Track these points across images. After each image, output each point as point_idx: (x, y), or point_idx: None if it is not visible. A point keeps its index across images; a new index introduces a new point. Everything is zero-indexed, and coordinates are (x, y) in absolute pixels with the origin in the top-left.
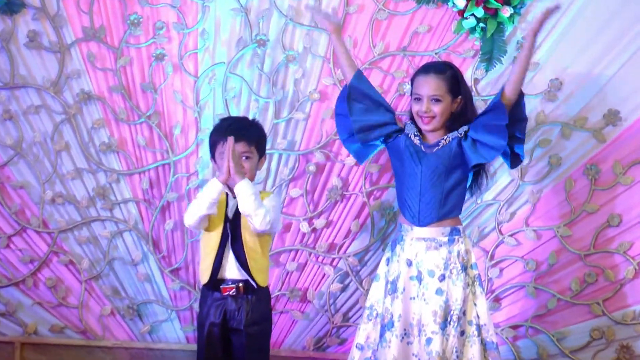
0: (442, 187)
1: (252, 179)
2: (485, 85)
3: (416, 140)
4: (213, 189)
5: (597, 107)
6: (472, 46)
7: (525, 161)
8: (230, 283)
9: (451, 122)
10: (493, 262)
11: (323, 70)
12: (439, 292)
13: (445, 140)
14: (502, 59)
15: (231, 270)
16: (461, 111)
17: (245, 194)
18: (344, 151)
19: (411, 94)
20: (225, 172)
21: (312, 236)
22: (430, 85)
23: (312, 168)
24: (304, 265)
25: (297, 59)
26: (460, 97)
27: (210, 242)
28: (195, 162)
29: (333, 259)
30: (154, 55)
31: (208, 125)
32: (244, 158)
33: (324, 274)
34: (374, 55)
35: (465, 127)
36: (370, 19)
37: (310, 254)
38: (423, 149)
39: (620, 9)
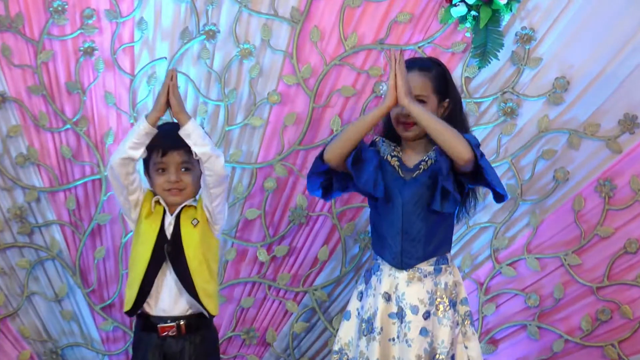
0: (428, 220)
1: (191, 196)
2: (478, 86)
3: (394, 162)
4: (139, 127)
5: (611, 111)
6: (462, 39)
7: (526, 175)
8: (169, 321)
9: None
10: (488, 296)
11: (284, 67)
12: (423, 332)
13: (427, 162)
14: (497, 53)
15: (168, 300)
16: (449, 117)
17: (198, 132)
18: (310, 163)
19: None
20: (160, 109)
21: (271, 266)
22: (413, 84)
23: (271, 184)
24: (262, 300)
25: (253, 53)
26: (448, 99)
27: (138, 264)
28: None
29: (297, 294)
30: (81, 49)
31: None
32: (182, 170)
33: (286, 312)
34: (344, 49)
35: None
36: (340, 6)
37: (269, 288)
38: (402, 174)
39: None
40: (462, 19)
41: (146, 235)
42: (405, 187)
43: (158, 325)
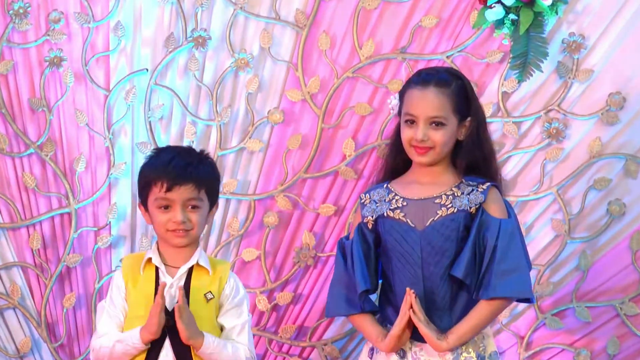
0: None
1: (197, 238)
2: (518, 102)
3: (398, 215)
4: (131, 344)
5: None
6: (499, 47)
7: (575, 209)
8: None
9: (455, 154)
10: (530, 352)
11: (288, 80)
12: None
13: (447, 207)
14: (541, 64)
15: None
16: (470, 138)
17: (219, 349)
18: (318, 194)
19: (399, 113)
20: (155, 331)
21: (273, 316)
22: (428, 103)
23: (272, 219)
24: (262, 357)
25: (250, 64)
26: (469, 118)
27: None
28: (107, 210)
29: (303, 349)
30: (47, 60)
31: (124, 158)
32: (189, 207)
33: None
34: (359, 59)
35: (478, 190)
36: (354, 9)
37: (270, 342)
38: (411, 223)
39: None
40: (499, 24)
41: (137, 307)
42: (422, 237)
43: None
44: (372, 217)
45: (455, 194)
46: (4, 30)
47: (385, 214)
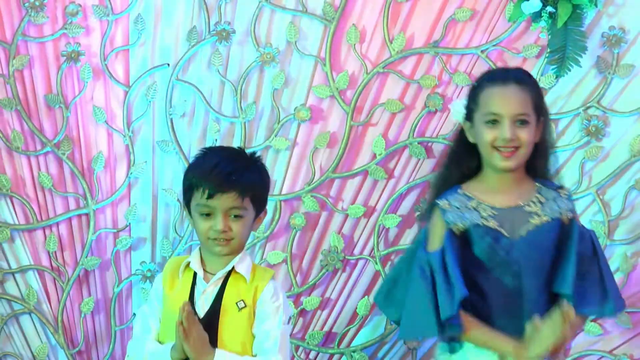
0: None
1: (240, 248)
2: (556, 99)
3: (493, 224)
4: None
5: None
6: (536, 41)
7: (615, 209)
8: None
9: (539, 161)
10: (569, 359)
11: (315, 76)
12: None
13: (540, 215)
14: (579, 59)
15: None
16: (543, 140)
17: None
18: (347, 195)
19: (468, 117)
20: (181, 351)
21: (300, 322)
22: (513, 101)
23: (299, 221)
24: None
25: (276, 59)
26: (542, 118)
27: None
28: (126, 211)
29: (331, 356)
30: (64, 54)
31: (144, 157)
32: (232, 216)
33: None
34: (390, 54)
35: (561, 196)
36: (384, 1)
37: (297, 349)
38: (506, 233)
39: None
40: (536, 17)
41: (172, 312)
42: (517, 249)
43: None
44: (462, 224)
45: (541, 200)
46: (19, 24)
47: (480, 223)
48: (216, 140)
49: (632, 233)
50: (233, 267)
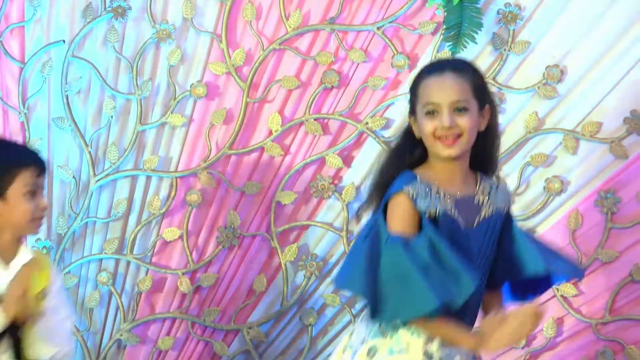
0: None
1: None
2: None
3: (454, 213)
4: None
5: (615, 107)
6: (432, 17)
7: (511, 186)
8: None
9: (484, 150)
10: None
11: (211, 52)
12: None
13: (487, 205)
14: (475, 36)
15: None
16: (490, 129)
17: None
18: (243, 172)
19: (412, 111)
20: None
21: (195, 298)
22: (449, 89)
23: (195, 197)
24: (185, 341)
25: (172, 36)
26: (487, 106)
27: None
28: None
29: (227, 333)
30: None
31: (40, 134)
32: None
33: (214, 354)
34: (286, 30)
35: (499, 188)
36: None
37: (193, 325)
38: (463, 222)
39: None
40: None
41: None
42: (473, 238)
43: None
44: (434, 211)
45: (485, 190)
46: None
47: (447, 211)
48: (112, 116)
49: (528, 209)
50: None
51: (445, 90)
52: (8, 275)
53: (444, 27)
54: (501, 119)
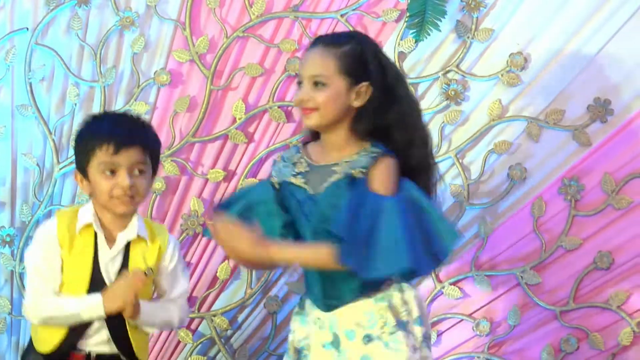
0: None
1: (139, 204)
2: (415, 63)
3: (298, 181)
4: (90, 314)
5: (579, 95)
6: (395, 5)
7: (474, 174)
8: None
9: (359, 125)
10: (432, 320)
11: (175, 40)
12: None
13: (337, 172)
14: (439, 23)
15: (99, 345)
16: (370, 105)
17: (153, 323)
18: (207, 160)
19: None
20: (125, 304)
21: None
22: (311, 63)
23: (159, 185)
24: None
25: (136, 23)
26: (366, 83)
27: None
28: None
29: (191, 320)
30: None
31: (4, 121)
32: (136, 172)
33: (178, 342)
34: (250, 18)
35: (371, 156)
36: None
37: None
38: (309, 190)
39: None
40: None
41: (69, 272)
42: (312, 206)
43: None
44: (278, 179)
45: (354, 160)
46: None
47: (288, 180)
48: (75, 104)
49: (491, 197)
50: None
51: (307, 64)
52: (111, 253)
53: (408, 14)
54: (465, 107)
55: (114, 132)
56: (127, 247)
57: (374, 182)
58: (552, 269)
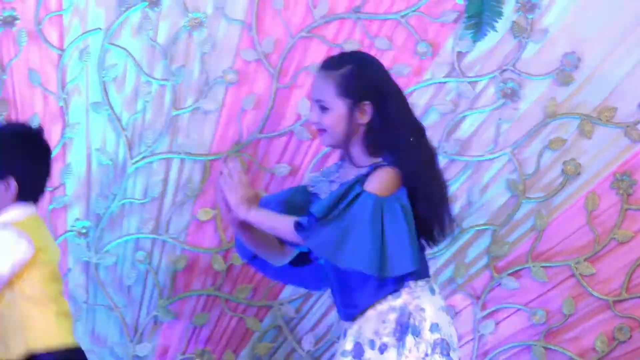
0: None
1: None
2: (473, 62)
3: (333, 187)
4: None
5: (630, 93)
6: (453, 6)
7: (530, 169)
8: None
9: (368, 141)
10: (486, 312)
11: (242, 40)
12: None
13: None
14: (495, 24)
15: None
16: (372, 122)
17: None
18: (273, 155)
19: None
20: None
21: (229, 276)
22: (314, 87)
23: None
24: (218, 317)
25: (204, 24)
26: (367, 102)
27: None
28: (62, 170)
29: (259, 309)
30: (0, 19)
31: (78, 118)
32: None
33: (247, 330)
34: (314, 19)
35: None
36: None
37: (226, 302)
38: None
39: None
40: None
41: None
42: None
43: None
44: (313, 190)
45: (347, 173)
46: None
47: (320, 196)
48: (147, 101)
49: (546, 191)
50: None
51: (313, 88)
52: None
53: (466, 15)
54: (520, 105)
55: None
56: None
57: (367, 182)
58: (605, 261)
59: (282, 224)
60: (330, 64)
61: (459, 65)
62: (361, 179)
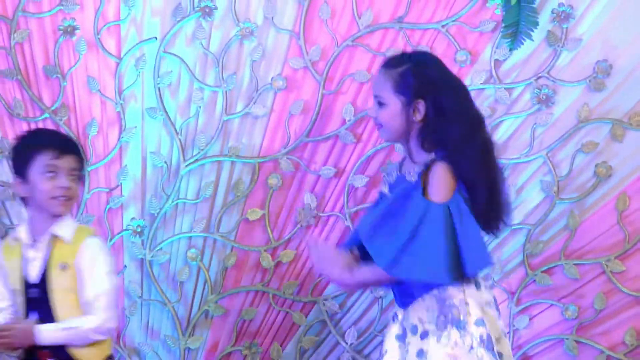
0: None
1: (71, 207)
2: (510, 69)
3: (389, 180)
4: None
5: None
6: (491, 16)
7: (564, 171)
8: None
9: (422, 138)
10: (520, 307)
11: (290, 48)
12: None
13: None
14: (531, 33)
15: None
16: (426, 120)
17: (57, 339)
18: (320, 157)
19: None
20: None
21: (276, 273)
22: (375, 84)
23: (275, 181)
24: (266, 312)
25: (255, 33)
26: (421, 100)
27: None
28: (118, 172)
29: (305, 304)
30: (61, 29)
31: (135, 122)
32: (72, 178)
33: (293, 324)
34: (358, 28)
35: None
36: None
37: (274, 297)
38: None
39: None
40: None
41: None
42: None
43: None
44: (384, 190)
45: (404, 169)
46: (19, 1)
47: (383, 191)
48: (200, 107)
49: (579, 192)
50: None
51: (373, 84)
52: (36, 253)
53: (503, 25)
54: (554, 110)
55: (55, 140)
56: (53, 249)
57: (426, 187)
58: (635, 259)
59: (378, 274)
60: (391, 63)
61: (496, 72)
62: (410, 191)
